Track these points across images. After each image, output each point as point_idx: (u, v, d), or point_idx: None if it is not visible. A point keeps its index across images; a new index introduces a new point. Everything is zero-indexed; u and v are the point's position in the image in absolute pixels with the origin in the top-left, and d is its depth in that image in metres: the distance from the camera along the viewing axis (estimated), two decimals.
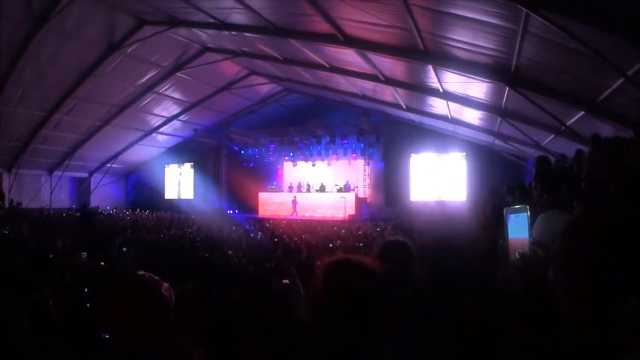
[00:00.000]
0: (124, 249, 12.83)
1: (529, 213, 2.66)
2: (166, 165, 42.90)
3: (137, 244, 15.34)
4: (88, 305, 6.57)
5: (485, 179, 26.41)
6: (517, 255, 2.63)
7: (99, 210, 34.04)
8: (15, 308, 5.85)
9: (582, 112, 12.88)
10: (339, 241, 15.46)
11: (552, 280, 1.74)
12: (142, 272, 2.88)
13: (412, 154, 32.55)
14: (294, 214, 34.91)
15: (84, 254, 11.07)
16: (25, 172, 33.47)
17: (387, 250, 3.94)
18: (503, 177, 23.31)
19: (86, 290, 7.77)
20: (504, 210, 2.76)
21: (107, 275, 9.95)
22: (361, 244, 11.67)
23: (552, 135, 16.90)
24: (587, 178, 7.67)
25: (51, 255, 11.67)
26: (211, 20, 18.95)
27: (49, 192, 35.71)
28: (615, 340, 1.47)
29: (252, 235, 19.47)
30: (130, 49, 23.35)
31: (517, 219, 2.76)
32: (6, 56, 20.96)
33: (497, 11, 9.72)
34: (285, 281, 6.56)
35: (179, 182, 43.25)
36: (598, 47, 8.88)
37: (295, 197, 36.29)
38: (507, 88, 13.37)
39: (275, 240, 14.35)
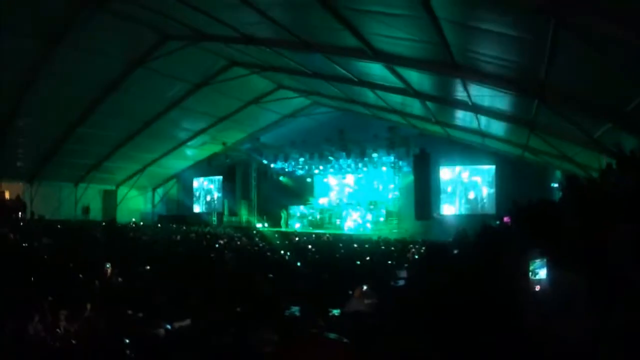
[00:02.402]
0: (147, 267, 12.63)
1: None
2: (194, 179, 42.89)
3: (161, 259, 15.14)
4: None
5: (515, 191, 25.99)
6: None
7: (129, 224, 34.03)
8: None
9: (610, 125, 12.57)
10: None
11: None
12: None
13: (442, 167, 32.18)
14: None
15: (108, 265, 10.97)
16: (50, 184, 33.83)
17: None
18: (532, 190, 23.01)
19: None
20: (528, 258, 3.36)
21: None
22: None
23: (581, 148, 16.52)
24: None
25: (71, 265, 11.61)
26: (237, 34, 18.78)
27: (74, 204, 35.65)
28: None
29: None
30: (154, 64, 23.25)
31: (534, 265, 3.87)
32: (25, 70, 21.05)
33: (525, 25, 9.52)
34: None
35: (207, 196, 43.28)
36: (626, 59, 8.59)
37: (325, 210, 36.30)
38: (536, 101, 13.08)
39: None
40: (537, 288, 5.17)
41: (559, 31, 8.64)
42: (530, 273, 5.36)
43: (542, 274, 5.22)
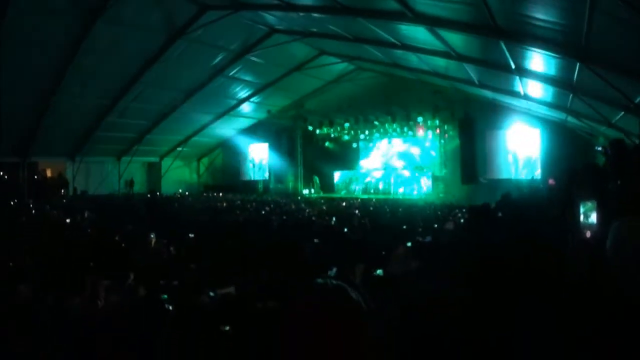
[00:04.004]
0: (191, 235, 12.74)
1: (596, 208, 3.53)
2: (239, 148, 42.99)
3: (207, 228, 15.23)
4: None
5: (559, 156, 25.64)
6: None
7: (174, 194, 34.38)
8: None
9: None
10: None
11: None
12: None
13: (487, 130, 31.84)
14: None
15: (153, 235, 11.11)
16: (92, 160, 34.28)
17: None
18: (575, 154, 22.89)
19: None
20: (577, 199, 3.22)
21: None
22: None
23: (622, 113, 16.22)
24: None
25: (116, 238, 11.80)
26: (276, 1, 18.74)
27: (117, 178, 36.24)
28: None
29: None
30: (194, 35, 23.38)
31: (585, 208, 3.66)
32: (63, 48, 21.35)
33: None
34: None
35: (253, 164, 43.43)
36: None
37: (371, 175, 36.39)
38: (578, 64, 12.86)
39: None
40: (588, 234, 5.06)
41: None
42: (582, 216, 5.26)
43: (594, 217, 5.10)
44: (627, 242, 2.94)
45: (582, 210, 5.16)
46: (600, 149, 17.22)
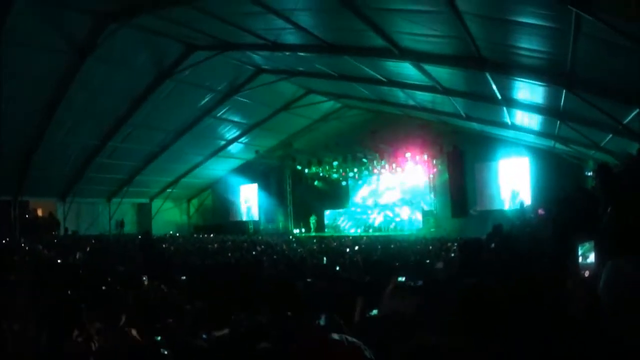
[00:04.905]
0: (183, 277, 12.63)
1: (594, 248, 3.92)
2: (228, 188, 43.09)
3: (199, 269, 15.14)
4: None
5: (548, 183, 25.75)
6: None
7: (165, 235, 34.23)
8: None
9: (638, 110, 12.40)
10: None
11: None
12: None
13: (476, 163, 31.94)
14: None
15: (145, 277, 11.02)
16: (82, 200, 34.27)
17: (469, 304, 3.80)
18: (565, 181, 22.86)
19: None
20: (575, 241, 3.92)
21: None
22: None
23: (610, 135, 16.32)
24: None
25: (109, 279, 11.69)
26: (262, 41, 18.87)
27: (108, 218, 36.16)
28: None
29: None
30: (182, 75, 23.53)
31: (583, 250, 3.86)
32: (53, 86, 21.33)
33: (547, 13, 9.51)
34: None
35: (243, 204, 43.45)
36: None
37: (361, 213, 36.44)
38: (564, 90, 13.00)
39: None
40: (587, 274, 5.03)
41: (581, 19, 8.57)
42: (579, 257, 5.24)
43: (592, 257, 5.07)
44: (617, 282, 3.01)
45: (580, 251, 5.15)
46: (591, 173, 17.31)
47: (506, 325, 3.41)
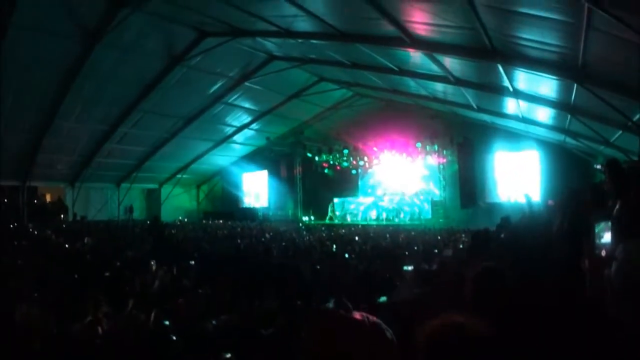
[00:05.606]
0: (192, 262, 12.67)
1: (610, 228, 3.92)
2: (239, 174, 43.06)
3: (209, 255, 15.20)
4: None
5: (558, 177, 25.66)
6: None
7: (174, 222, 34.29)
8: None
9: None
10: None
11: None
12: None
13: (486, 154, 31.85)
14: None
15: (153, 262, 11.06)
16: (91, 185, 34.50)
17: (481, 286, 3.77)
18: (575, 175, 22.97)
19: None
20: (592, 219, 4.01)
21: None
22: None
23: (620, 132, 16.26)
24: None
25: (118, 264, 11.75)
26: (274, 28, 18.84)
27: (117, 204, 36.28)
28: None
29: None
30: (193, 61, 23.50)
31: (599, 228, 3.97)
32: (63, 72, 21.43)
33: (560, 7, 9.46)
34: None
35: (253, 191, 43.44)
36: None
37: (370, 201, 36.37)
38: (575, 84, 12.97)
39: None
40: (603, 253, 5.00)
41: (592, 13, 8.54)
42: (595, 237, 5.22)
43: (607, 237, 5.05)
44: (627, 264, 2.97)
45: (596, 230, 5.13)
46: (599, 167, 17.21)
47: (520, 308, 3.43)
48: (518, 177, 30.87)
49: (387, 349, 1.89)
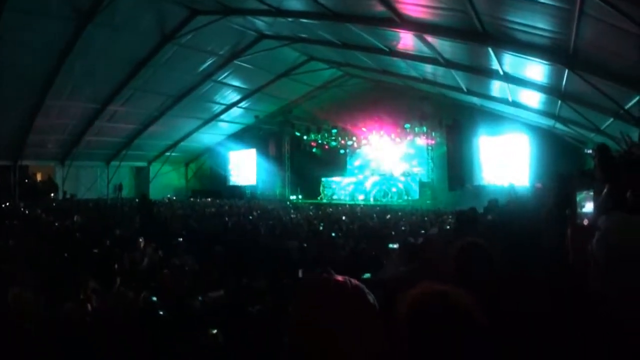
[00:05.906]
0: (180, 239, 12.70)
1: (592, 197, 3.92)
2: (227, 153, 43.09)
3: (196, 233, 15.25)
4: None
5: (547, 162, 25.76)
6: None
7: (163, 199, 34.34)
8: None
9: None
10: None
11: None
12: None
13: (475, 137, 31.92)
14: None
15: (142, 240, 11.09)
16: (81, 164, 34.52)
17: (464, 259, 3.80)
18: (564, 161, 22.92)
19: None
20: (575, 191, 3.79)
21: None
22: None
23: (611, 119, 16.30)
24: None
25: (107, 242, 11.77)
26: (265, 7, 18.79)
27: (106, 182, 36.26)
28: None
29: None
30: (184, 39, 23.42)
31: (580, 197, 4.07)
32: (54, 51, 21.31)
33: None
34: None
35: (241, 169, 43.48)
36: None
37: (358, 181, 36.47)
38: (566, 70, 12.97)
39: None
40: (585, 222, 5.06)
41: None
42: (577, 206, 5.27)
43: (589, 206, 5.10)
44: (612, 235, 3.00)
45: (577, 199, 5.20)
46: (590, 152, 17.29)
47: (503, 278, 3.48)
48: (507, 161, 30.97)
49: (369, 312, 1.92)
